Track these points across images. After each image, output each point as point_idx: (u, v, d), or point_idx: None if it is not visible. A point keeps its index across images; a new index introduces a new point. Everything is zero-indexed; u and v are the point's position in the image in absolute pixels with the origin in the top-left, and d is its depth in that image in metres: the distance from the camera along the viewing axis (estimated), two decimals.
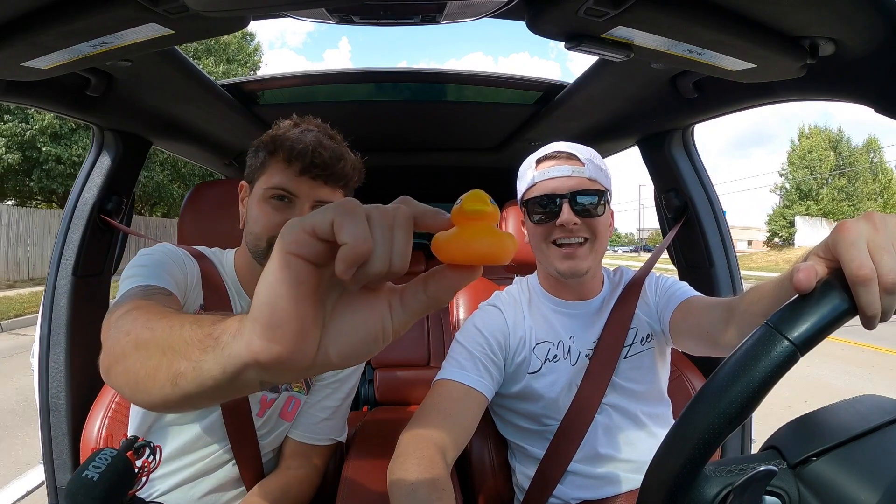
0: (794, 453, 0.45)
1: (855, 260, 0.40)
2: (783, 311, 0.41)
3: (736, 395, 0.39)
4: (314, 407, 1.02)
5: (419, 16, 0.77)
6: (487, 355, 0.96)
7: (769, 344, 0.39)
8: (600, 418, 0.98)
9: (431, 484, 0.70)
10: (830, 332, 0.39)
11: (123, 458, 0.76)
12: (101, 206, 1.29)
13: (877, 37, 0.71)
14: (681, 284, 1.04)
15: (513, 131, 1.81)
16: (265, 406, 0.98)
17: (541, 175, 0.97)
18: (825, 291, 0.40)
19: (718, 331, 0.82)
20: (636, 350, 1.00)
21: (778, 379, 0.39)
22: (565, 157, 0.98)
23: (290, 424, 1.02)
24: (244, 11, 0.74)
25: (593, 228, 0.96)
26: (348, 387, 1.05)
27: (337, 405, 1.04)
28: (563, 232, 0.95)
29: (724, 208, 1.40)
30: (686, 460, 0.40)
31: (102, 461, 0.74)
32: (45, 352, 1.22)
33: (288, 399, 1.00)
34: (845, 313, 0.39)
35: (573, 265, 0.96)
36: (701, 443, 0.39)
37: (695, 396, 0.42)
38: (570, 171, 0.96)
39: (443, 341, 2.37)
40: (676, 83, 1.12)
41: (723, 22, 0.73)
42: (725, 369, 0.41)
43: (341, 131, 0.98)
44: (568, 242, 0.96)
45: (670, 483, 0.41)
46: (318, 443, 1.03)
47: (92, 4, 0.69)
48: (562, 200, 0.94)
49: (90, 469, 0.73)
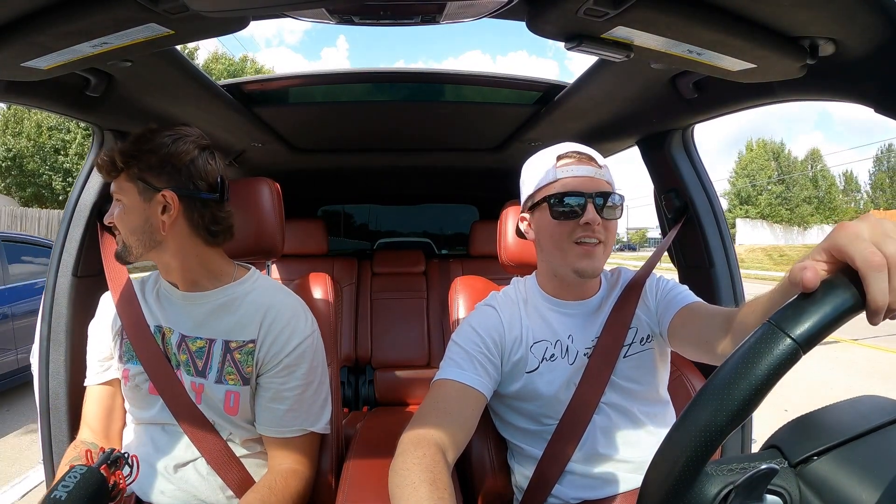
0: (794, 452, 0.45)
1: (865, 250, 0.40)
2: (785, 310, 0.41)
3: (738, 393, 0.39)
4: (273, 400, 1.01)
5: (419, 16, 0.76)
6: (484, 354, 0.96)
7: (771, 341, 0.39)
8: (598, 418, 0.98)
9: (432, 484, 0.70)
10: (832, 329, 0.39)
11: (96, 474, 0.74)
12: (101, 206, 1.29)
13: (877, 37, 0.71)
14: (681, 288, 1.04)
15: (512, 132, 1.81)
16: (198, 392, 1.00)
17: (564, 172, 0.97)
18: (828, 289, 0.40)
19: (716, 340, 0.82)
20: (635, 350, 1.00)
21: (780, 377, 0.39)
22: (587, 159, 0.99)
23: (239, 419, 1.02)
24: (244, 12, 0.74)
25: (609, 231, 0.97)
26: (300, 373, 1.03)
27: (296, 394, 1.02)
28: (586, 231, 0.95)
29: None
30: (688, 457, 0.40)
31: (72, 479, 0.72)
32: (45, 352, 1.22)
33: (227, 393, 1.00)
34: (850, 309, 0.39)
35: (592, 264, 0.96)
36: (703, 440, 0.39)
37: (697, 394, 0.42)
38: (593, 173, 0.97)
39: (442, 342, 2.37)
40: (676, 83, 1.12)
41: (723, 22, 0.73)
42: (728, 367, 0.41)
43: (341, 132, 0.99)
44: (588, 242, 0.96)
45: (672, 480, 0.41)
46: (290, 435, 1.02)
47: (92, 4, 0.69)
48: (588, 199, 0.94)
49: (59, 489, 0.71)
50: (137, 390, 1.02)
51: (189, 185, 0.97)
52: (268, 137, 1.75)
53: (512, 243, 1.25)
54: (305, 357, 1.04)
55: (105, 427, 1.07)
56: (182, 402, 0.99)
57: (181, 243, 1.00)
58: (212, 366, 1.00)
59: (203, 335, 1.01)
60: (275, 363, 1.01)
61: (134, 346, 1.02)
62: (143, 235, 0.97)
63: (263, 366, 1.01)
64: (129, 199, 0.96)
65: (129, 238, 0.98)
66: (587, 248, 0.96)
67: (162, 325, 1.03)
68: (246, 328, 1.01)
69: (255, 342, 1.01)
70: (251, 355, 1.00)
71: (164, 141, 0.96)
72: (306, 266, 2.24)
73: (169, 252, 1.00)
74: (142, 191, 0.96)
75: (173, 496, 0.98)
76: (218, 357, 1.00)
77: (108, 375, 1.07)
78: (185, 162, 0.97)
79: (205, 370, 1.00)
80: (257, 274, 1.11)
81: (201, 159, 0.99)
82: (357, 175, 2.57)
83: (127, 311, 1.06)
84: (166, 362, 1.01)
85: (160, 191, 0.95)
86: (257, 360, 1.01)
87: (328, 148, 2.04)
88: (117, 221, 0.98)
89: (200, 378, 1.00)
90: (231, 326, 1.02)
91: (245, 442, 1.04)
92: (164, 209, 0.96)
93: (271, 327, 1.01)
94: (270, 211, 1.20)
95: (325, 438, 1.13)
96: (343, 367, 2.33)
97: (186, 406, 0.99)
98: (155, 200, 0.96)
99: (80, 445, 1.02)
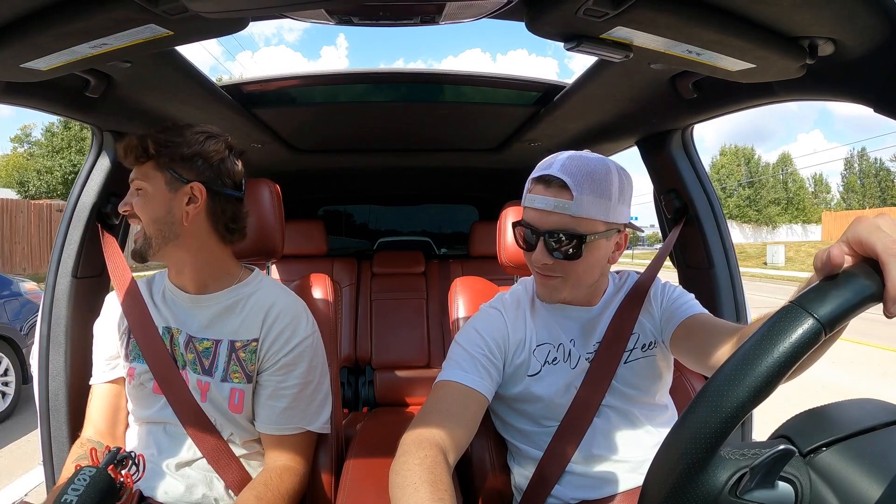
0: (805, 442, 0.45)
1: (884, 238, 0.41)
2: (808, 292, 0.41)
3: (761, 369, 0.39)
4: (271, 397, 1.03)
5: (418, 16, 0.76)
6: (486, 356, 0.96)
7: (794, 320, 0.39)
8: (598, 420, 0.98)
9: (433, 485, 0.70)
10: (853, 314, 0.39)
11: (104, 475, 0.74)
12: (101, 207, 1.29)
13: (876, 37, 0.71)
14: (687, 297, 1.02)
15: (512, 132, 1.81)
16: (203, 391, 1.01)
17: (528, 201, 0.94)
18: (849, 276, 0.41)
19: (720, 354, 0.82)
20: (637, 356, 1.00)
21: (801, 356, 0.39)
22: (557, 187, 0.89)
23: (242, 417, 1.03)
24: (243, 12, 0.74)
25: (566, 270, 0.93)
26: (299, 371, 1.04)
27: (294, 392, 1.04)
28: (537, 267, 0.95)
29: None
30: (706, 436, 0.40)
31: (81, 482, 0.72)
32: (45, 353, 1.22)
33: (232, 391, 1.01)
34: (871, 297, 0.40)
35: (549, 294, 0.96)
36: (723, 417, 0.39)
37: (717, 371, 0.41)
38: (553, 206, 0.88)
39: (442, 342, 2.37)
40: (676, 83, 1.12)
41: (722, 22, 0.73)
42: (749, 344, 0.40)
43: (340, 132, 0.99)
44: (546, 274, 0.95)
45: (687, 460, 0.40)
46: (286, 433, 1.03)
47: (91, 5, 0.69)
48: (538, 238, 0.92)
49: (69, 493, 0.71)
50: (142, 389, 1.03)
51: (217, 182, 1.00)
52: (267, 138, 1.75)
53: (511, 244, 1.25)
54: (304, 356, 1.05)
55: (111, 426, 1.07)
56: (185, 403, 1.00)
57: (199, 238, 1.01)
58: (218, 365, 1.02)
59: (210, 336, 1.03)
60: (274, 361, 1.03)
61: (140, 345, 1.03)
62: (164, 226, 0.98)
63: (263, 363, 1.03)
64: (154, 188, 0.97)
65: (150, 227, 0.98)
66: (542, 279, 0.96)
67: (171, 327, 1.04)
68: (250, 327, 1.03)
69: (258, 340, 1.03)
70: (254, 353, 1.02)
71: (196, 137, 0.99)
72: (306, 267, 2.24)
73: (184, 247, 1.01)
74: (169, 180, 0.97)
75: (174, 495, 0.99)
76: (224, 357, 1.02)
77: (115, 374, 1.08)
78: (216, 159, 1.00)
79: (211, 369, 1.02)
80: (261, 275, 1.13)
81: (230, 160, 1.03)
82: (357, 175, 2.57)
83: (133, 311, 1.06)
84: (172, 363, 1.02)
85: (189, 182, 0.97)
86: (259, 358, 1.03)
87: (328, 148, 2.04)
88: (138, 209, 0.97)
89: (206, 377, 1.01)
90: (236, 327, 1.03)
91: (245, 442, 1.05)
92: (188, 201, 0.98)
93: (273, 326, 1.03)
94: (270, 212, 1.20)
95: (324, 438, 1.13)
96: (343, 367, 2.33)
97: (190, 406, 1.00)
98: (181, 191, 0.98)
99: (86, 444, 1.02)
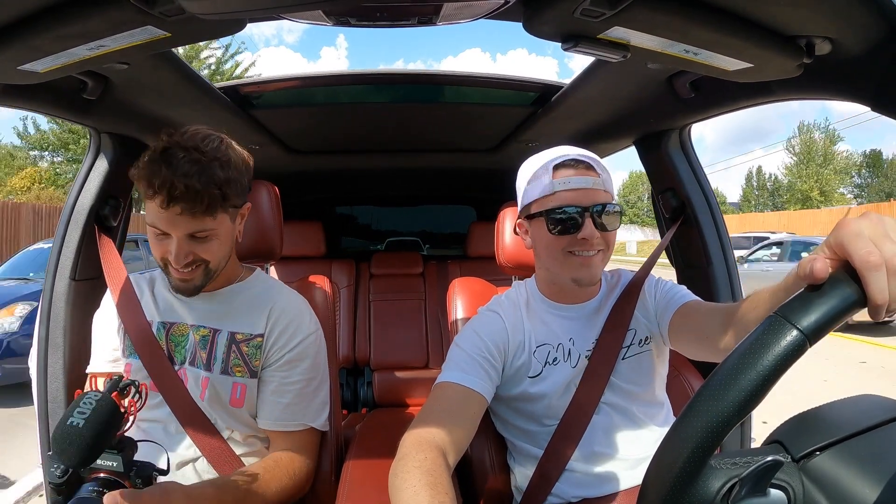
0: (797, 447, 0.45)
1: (863, 248, 0.40)
2: (791, 302, 0.41)
3: (745, 384, 0.39)
4: (274, 393, 1.03)
5: (415, 17, 0.76)
6: (486, 358, 0.97)
7: (778, 332, 0.39)
8: (598, 418, 0.98)
9: (433, 487, 0.70)
10: (838, 323, 0.39)
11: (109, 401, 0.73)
12: (99, 209, 1.29)
13: (873, 35, 0.71)
14: (679, 288, 1.04)
15: (510, 132, 1.81)
16: (204, 386, 1.00)
17: (561, 185, 0.95)
18: (833, 284, 0.40)
19: (717, 335, 0.83)
20: (634, 352, 1.01)
21: (786, 368, 0.39)
22: (584, 167, 0.95)
23: (244, 411, 1.03)
24: (240, 14, 0.73)
25: (609, 241, 0.97)
26: (302, 368, 1.05)
27: (298, 388, 1.04)
28: (583, 245, 0.94)
29: None
30: (693, 449, 0.40)
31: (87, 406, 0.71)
32: (43, 355, 1.22)
33: (234, 385, 1.01)
34: (854, 304, 0.40)
35: (590, 273, 0.96)
36: (709, 432, 0.39)
37: (703, 385, 0.41)
38: (592, 183, 0.94)
39: (441, 343, 2.37)
40: (673, 83, 1.12)
41: (719, 21, 0.73)
42: (734, 357, 0.40)
43: (338, 133, 0.99)
44: (585, 254, 0.95)
45: (676, 473, 0.40)
46: (289, 429, 1.04)
47: (88, 7, 0.69)
48: (585, 214, 0.93)
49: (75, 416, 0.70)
50: None
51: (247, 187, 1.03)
52: (265, 139, 1.75)
53: (510, 245, 1.25)
54: (308, 353, 1.06)
55: None
56: (183, 401, 1.00)
57: (231, 247, 1.02)
58: (216, 357, 1.01)
59: (208, 325, 1.03)
60: (278, 357, 1.03)
61: (136, 346, 1.03)
62: (228, 255, 1.01)
63: (268, 359, 1.03)
64: (224, 228, 0.96)
65: (222, 262, 0.99)
66: (584, 260, 0.96)
67: (167, 321, 1.04)
68: (254, 322, 1.03)
69: (263, 336, 1.03)
70: (259, 349, 1.03)
71: (229, 155, 0.95)
72: (304, 268, 2.23)
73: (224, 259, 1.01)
74: (232, 216, 0.98)
75: None
76: (222, 348, 1.02)
77: (116, 367, 1.07)
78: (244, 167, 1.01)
79: (209, 362, 1.01)
80: (262, 274, 1.13)
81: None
82: (355, 177, 2.56)
83: (127, 312, 1.06)
84: (168, 362, 1.02)
85: (243, 206, 1.00)
86: (264, 353, 1.03)
87: (325, 150, 2.04)
88: (208, 255, 0.95)
89: (206, 371, 1.01)
90: (237, 319, 1.04)
91: (246, 438, 1.05)
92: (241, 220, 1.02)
93: (277, 322, 1.04)
94: (269, 213, 1.20)
95: (324, 439, 1.13)
96: (342, 368, 2.33)
97: (187, 405, 1.00)
98: (238, 216, 1.00)
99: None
